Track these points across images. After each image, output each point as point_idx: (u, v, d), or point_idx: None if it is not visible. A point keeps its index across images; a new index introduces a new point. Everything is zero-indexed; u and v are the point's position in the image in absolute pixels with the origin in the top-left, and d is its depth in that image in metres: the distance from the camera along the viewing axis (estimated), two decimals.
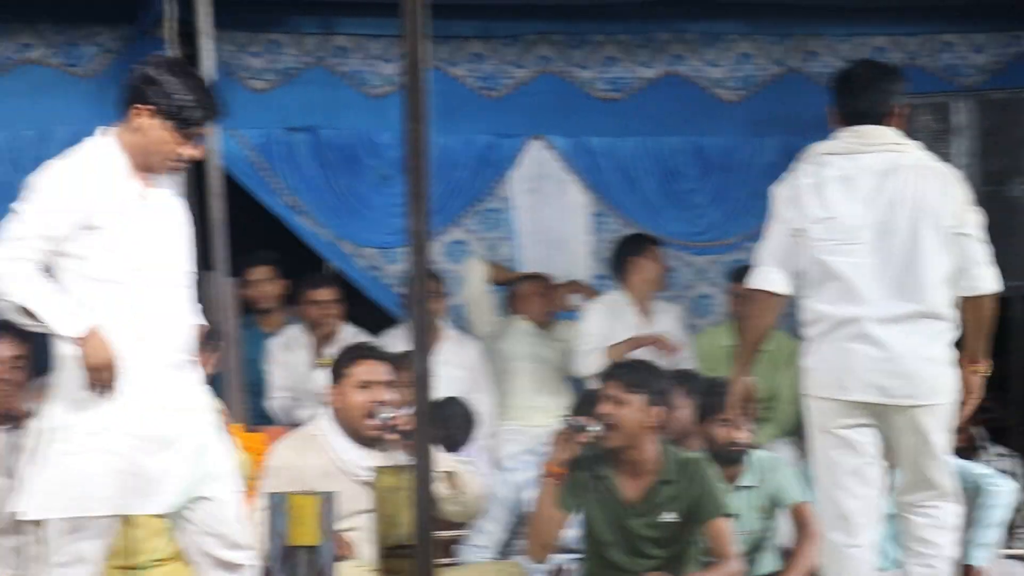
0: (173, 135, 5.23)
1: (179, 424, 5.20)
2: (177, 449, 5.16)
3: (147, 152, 5.27)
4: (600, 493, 6.20)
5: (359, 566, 5.94)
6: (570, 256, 9.75)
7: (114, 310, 5.14)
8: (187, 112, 5.21)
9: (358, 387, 6.24)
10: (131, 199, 5.27)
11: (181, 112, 5.21)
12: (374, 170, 9.60)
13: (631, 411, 6.20)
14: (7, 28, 9.27)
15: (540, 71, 9.88)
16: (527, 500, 6.65)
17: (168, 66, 5.33)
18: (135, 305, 5.17)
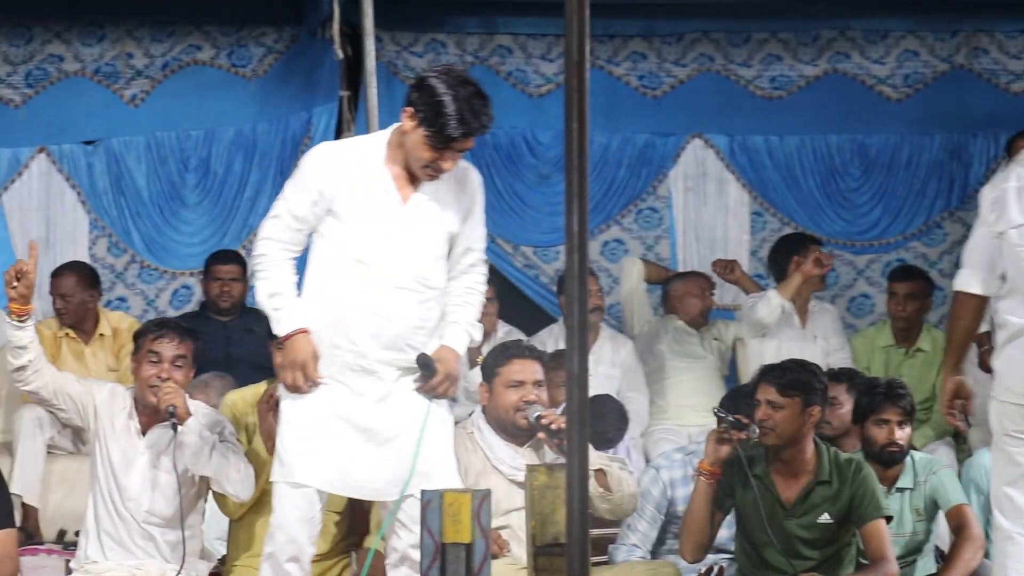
0: (428, 143, 5.24)
1: (393, 421, 5.35)
2: (391, 445, 5.33)
3: (406, 154, 5.32)
4: (755, 493, 6.15)
5: (512, 564, 5.96)
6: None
7: (336, 299, 5.30)
8: (445, 124, 5.19)
9: (509, 385, 6.26)
10: (376, 195, 5.33)
11: (439, 122, 5.20)
12: (533, 169, 9.64)
13: (787, 414, 6.14)
14: (176, 30, 9.45)
15: (701, 69, 9.84)
16: (678, 499, 6.62)
17: (446, 75, 5.28)
18: (351, 299, 5.29)
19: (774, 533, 6.16)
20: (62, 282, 8.43)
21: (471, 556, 5.07)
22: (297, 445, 5.34)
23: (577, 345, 4.14)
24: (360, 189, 5.31)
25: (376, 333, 5.31)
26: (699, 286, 9.24)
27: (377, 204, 5.31)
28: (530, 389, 6.22)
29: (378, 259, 5.30)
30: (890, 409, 6.58)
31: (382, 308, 5.30)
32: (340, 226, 5.33)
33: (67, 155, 9.39)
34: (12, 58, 9.31)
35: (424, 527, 5.04)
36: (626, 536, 6.62)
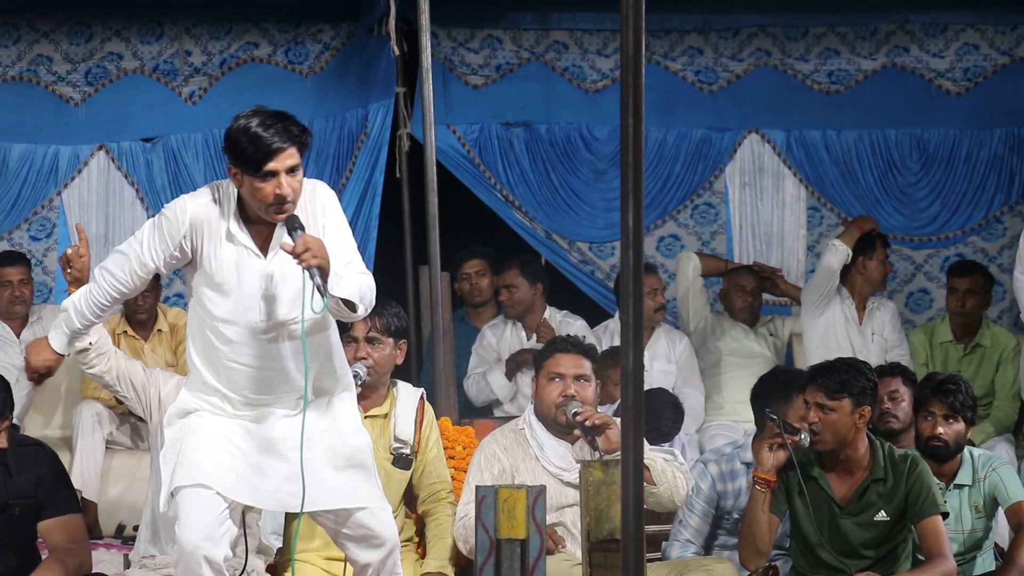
0: (252, 180, 5.08)
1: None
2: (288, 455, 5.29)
3: (252, 208, 5.20)
4: (810, 494, 6.11)
5: (567, 560, 5.95)
6: (785, 251, 9.65)
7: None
8: (244, 150, 5.04)
9: (550, 379, 6.26)
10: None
11: (243, 154, 5.06)
12: (589, 165, 9.63)
13: (839, 416, 6.09)
14: (234, 27, 9.50)
15: (758, 64, 9.81)
16: (727, 493, 6.60)
17: (235, 119, 5.17)
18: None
19: (829, 533, 6.12)
20: None
21: (526, 552, 5.07)
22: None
23: (632, 341, 4.13)
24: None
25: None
26: (754, 281, 9.21)
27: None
28: (570, 382, 6.20)
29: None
30: (936, 403, 6.53)
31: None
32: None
33: (126, 152, 9.45)
34: (72, 56, 9.38)
35: (479, 523, 5.05)
36: (678, 532, 6.60)
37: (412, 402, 6.32)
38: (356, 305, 5.05)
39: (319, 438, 5.27)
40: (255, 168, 5.05)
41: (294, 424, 5.25)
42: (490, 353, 8.91)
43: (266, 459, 5.24)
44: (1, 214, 9.33)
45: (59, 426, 8.62)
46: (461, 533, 6.11)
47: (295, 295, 5.16)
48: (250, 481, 5.21)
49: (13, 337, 8.69)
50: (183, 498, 5.14)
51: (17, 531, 5.88)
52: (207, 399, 5.28)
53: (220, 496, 5.13)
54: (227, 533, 5.14)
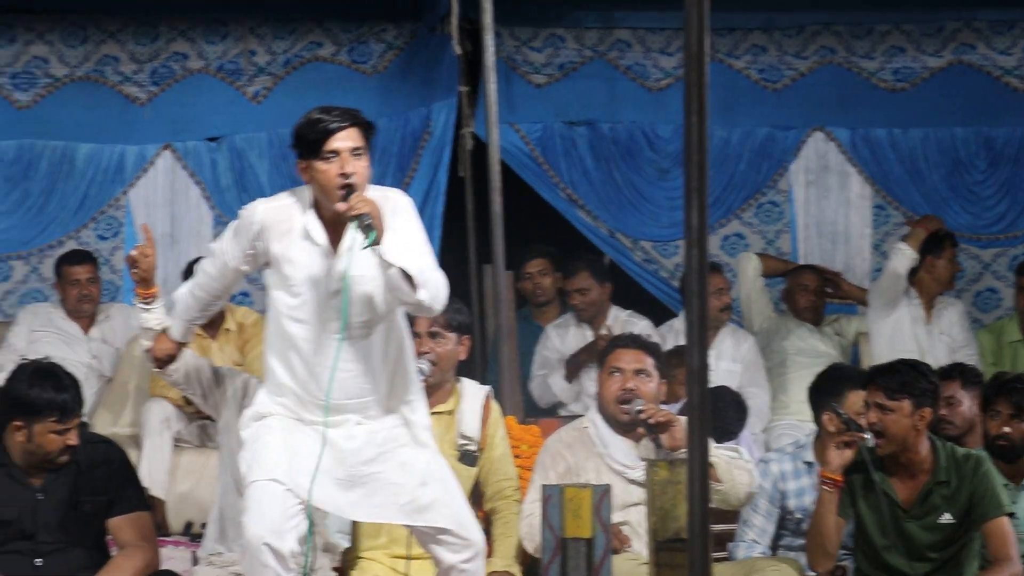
0: (318, 163, 5.22)
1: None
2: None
3: (322, 199, 5.28)
4: (874, 497, 6.08)
5: (633, 559, 5.94)
6: (850, 249, 9.61)
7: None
8: (306, 135, 5.23)
9: (609, 373, 6.27)
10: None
11: (304, 139, 5.24)
12: (653, 163, 9.62)
13: (898, 417, 6.04)
14: (298, 27, 9.55)
15: (823, 62, 9.77)
16: (789, 492, 6.57)
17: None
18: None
19: (894, 536, 6.08)
20: None
21: (592, 551, 5.07)
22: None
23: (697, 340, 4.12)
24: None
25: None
26: (818, 280, 9.18)
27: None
28: (629, 376, 6.20)
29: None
30: (1003, 402, 6.48)
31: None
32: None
33: (191, 151, 9.52)
34: (138, 56, 9.45)
35: (544, 522, 5.05)
36: (743, 532, 6.58)
37: (478, 399, 6.33)
38: (416, 284, 5.04)
39: (396, 452, 5.32)
40: (318, 149, 5.17)
41: (369, 433, 5.29)
42: (553, 354, 8.91)
43: (339, 468, 5.27)
44: (69, 213, 9.41)
45: (128, 424, 8.68)
46: (527, 531, 6.12)
47: (368, 296, 5.20)
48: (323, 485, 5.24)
49: (81, 335, 8.77)
50: (253, 491, 5.19)
51: (87, 528, 5.93)
52: (281, 401, 5.32)
53: (291, 493, 5.16)
54: (295, 529, 5.17)
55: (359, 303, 5.21)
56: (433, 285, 5.12)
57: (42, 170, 9.37)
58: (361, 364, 5.25)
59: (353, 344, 5.23)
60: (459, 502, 5.40)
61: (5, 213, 9.35)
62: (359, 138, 5.19)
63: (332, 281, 5.21)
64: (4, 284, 9.41)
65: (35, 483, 5.87)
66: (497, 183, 7.76)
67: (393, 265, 5.03)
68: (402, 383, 5.37)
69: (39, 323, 8.74)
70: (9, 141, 9.35)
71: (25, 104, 9.38)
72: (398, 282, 5.05)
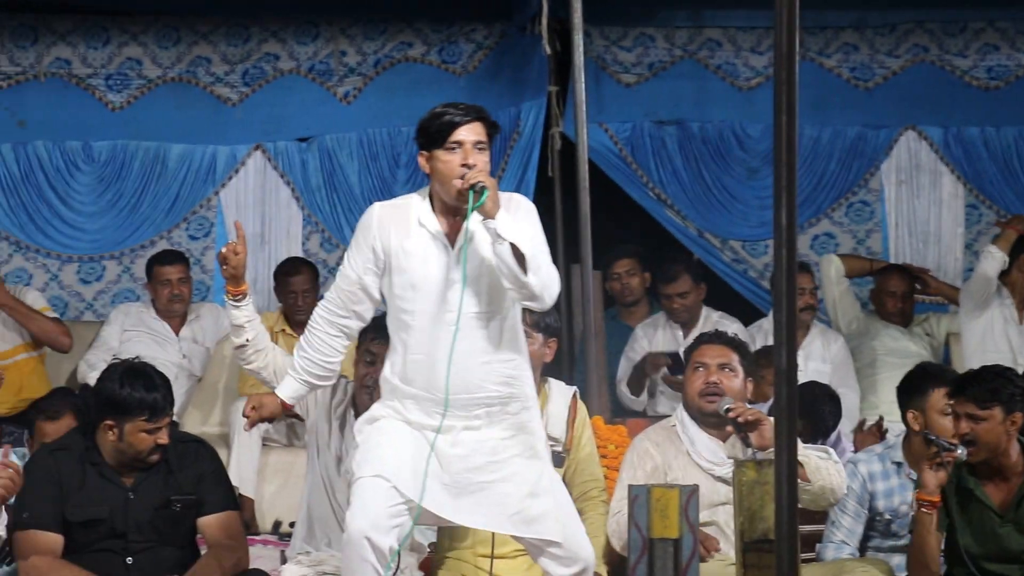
0: (440, 153, 5.28)
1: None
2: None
3: (442, 190, 5.33)
4: (967, 504, 6.02)
5: (720, 560, 5.92)
6: (942, 249, 9.51)
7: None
8: (430, 126, 5.30)
9: (694, 368, 6.26)
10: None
11: (428, 130, 5.30)
12: (742, 163, 9.57)
13: (991, 425, 5.98)
14: (388, 27, 9.59)
15: (915, 60, 9.68)
16: (877, 492, 6.52)
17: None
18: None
19: (989, 544, 6.01)
20: (300, 279, 8.58)
21: (679, 551, 5.05)
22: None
23: (785, 340, 4.11)
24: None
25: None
26: (907, 280, 9.08)
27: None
28: (713, 371, 6.19)
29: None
30: None
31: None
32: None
33: (282, 152, 9.58)
34: (230, 57, 9.52)
35: (631, 522, 5.04)
36: (832, 533, 6.54)
37: (564, 400, 6.33)
38: (527, 267, 5.06)
39: (507, 462, 5.34)
40: (442, 140, 5.24)
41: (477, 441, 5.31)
42: (639, 356, 8.88)
43: (445, 473, 5.30)
44: (160, 213, 9.50)
45: (217, 423, 8.76)
46: (614, 529, 6.12)
47: (482, 287, 5.24)
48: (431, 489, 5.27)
49: (172, 335, 8.83)
50: (358, 487, 5.23)
51: (177, 526, 5.97)
52: (392, 405, 5.37)
53: (397, 490, 5.19)
54: (398, 527, 5.20)
55: (473, 294, 5.25)
56: (545, 275, 5.15)
57: (135, 171, 9.46)
58: (473, 358, 5.27)
59: (466, 337, 5.25)
60: (570, 516, 5.41)
61: (98, 214, 9.46)
62: (482, 133, 5.28)
63: (447, 271, 5.26)
64: (97, 284, 9.51)
65: (126, 482, 5.92)
66: (585, 183, 7.75)
67: (505, 240, 5.06)
68: (518, 386, 5.37)
69: (131, 323, 8.82)
70: (102, 142, 9.45)
71: (118, 105, 9.48)
72: (508, 260, 5.07)
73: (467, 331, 5.25)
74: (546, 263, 5.17)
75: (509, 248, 5.06)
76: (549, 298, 5.20)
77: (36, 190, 9.39)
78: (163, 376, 6.00)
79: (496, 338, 5.29)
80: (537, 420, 5.45)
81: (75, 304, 9.47)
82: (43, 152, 9.40)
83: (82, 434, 6.00)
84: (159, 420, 5.87)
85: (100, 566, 5.83)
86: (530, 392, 5.42)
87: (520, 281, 5.08)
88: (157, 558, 5.91)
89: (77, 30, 9.42)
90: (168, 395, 5.92)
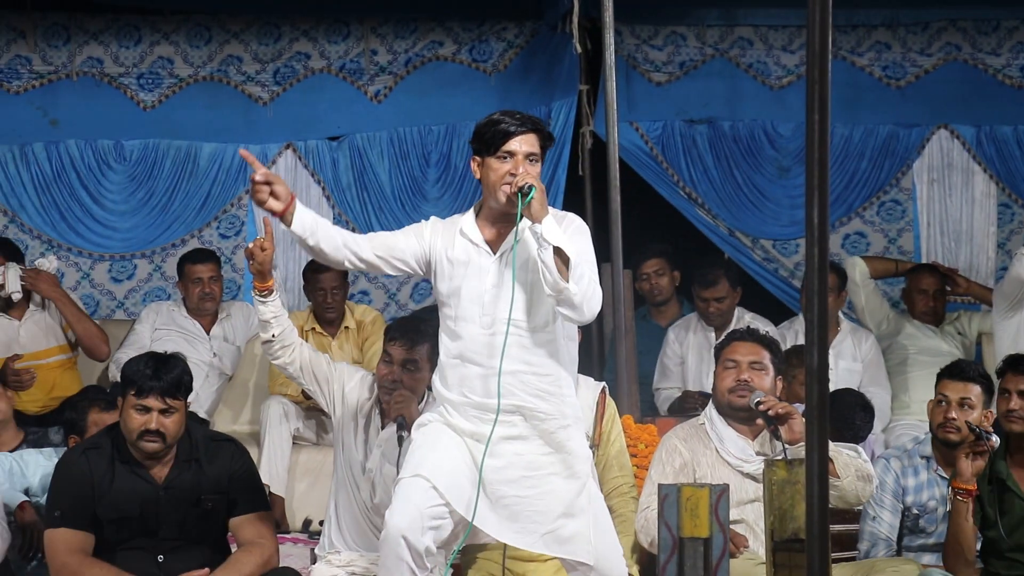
0: (491, 159, 5.34)
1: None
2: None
3: (489, 196, 5.39)
4: (1002, 493, 6.00)
5: (750, 559, 5.91)
6: (974, 248, 9.47)
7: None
8: (486, 132, 5.34)
9: (725, 366, 6.25)
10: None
11: (484, 136, 5.34)
12: (774, 161, 9.55)
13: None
14: (419, 26, 9.59)
15: (947, 59, 9.65)
16: (909, 488, 6.51)
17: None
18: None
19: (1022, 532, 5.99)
20: (329, 276, 8.59)
21: (709, 550, 5.04)
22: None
23: (816, 339, 4.09)
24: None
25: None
26: (937, 279, 9.04)
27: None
28: (744, 368, 6.19)
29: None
30: None
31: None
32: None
33: (312, 151, 9.59)
34: (261, 56, 9.54)
35: (661, 521, 5.03)
36: (876, 529, 6.52)
37: (592, 395, 6.34)
38: (570, 274, 5.08)
39: (545, 479, 5.34)
40: (495, 148, 5.29)
41: (515, 454, 5.32)
42: (673, 361, 8.85)
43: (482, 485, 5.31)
44: (192, 212, 9.52)
45: (247, 421, 8.77)
46: (642, 525, 6.12)
47: (524, 296, 5.27)
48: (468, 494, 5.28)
49: (203, 333, 8.85)
50: (399, 487, 5.27)
51: (208, 525, 5.98)
52: (439, 409, 5.41)
53: (436, 491, 5.21)
54: (436, 529, 5.21)
55: (515, 303, 5.27)
56: (587, 286, 5.16)
57: (166, 169, 9.49)
58: (510, 364, 5.27)
59: (508, 346, 5.26)
60: (606, 539, 5.42)
61: (129, 212, 9.49)
62: (536, 144, 5.34)
63: (487, 279, 5.29)
64: (128, 283, 9.54)
65: (157, 479, 5.92)
66: (616, 182, 7.73)
67: (548, 244, 5.08)
68: (555, 403, 5.36)
69: (162, 321, 8.83)
70: (134, 141, 9.48)
71: (150, 104, 9.51)
72: (550, 263, 5.09)
73: (498, 337, 5.28)
74: (590, 276, 5.20)
75: (551, 252, 5.08)
76: (589, 311, 5.20)
77: (68, 189, 9.42)
78: (179, 363, 5.97)
79: (531, 349, 5.30)
80: (579, 440, 5.44)
81: (106, 303, 9.50)
82: (75, 151, 9.43)
83: (112, 433, 6.01)
84: (145, 398, 5.80)
85: (132, 564, 5.84)
86: (570, 412, 5.40)
87: (560, 287, 5.10)
88: (188, 557, 5.92)
89: (109, 29, 9.45)
90: (166, 377, 5.80)
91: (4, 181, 9.37)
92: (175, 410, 5.87)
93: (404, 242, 5.43)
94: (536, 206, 5.14)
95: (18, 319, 8.40)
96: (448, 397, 5.36)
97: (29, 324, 8.41)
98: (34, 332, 8.41)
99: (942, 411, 6.41)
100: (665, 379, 8.87)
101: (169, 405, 5.85)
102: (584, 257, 5.22)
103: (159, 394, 5.82)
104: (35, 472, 6.63)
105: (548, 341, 5.32)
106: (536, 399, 5.32)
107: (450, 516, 5.25)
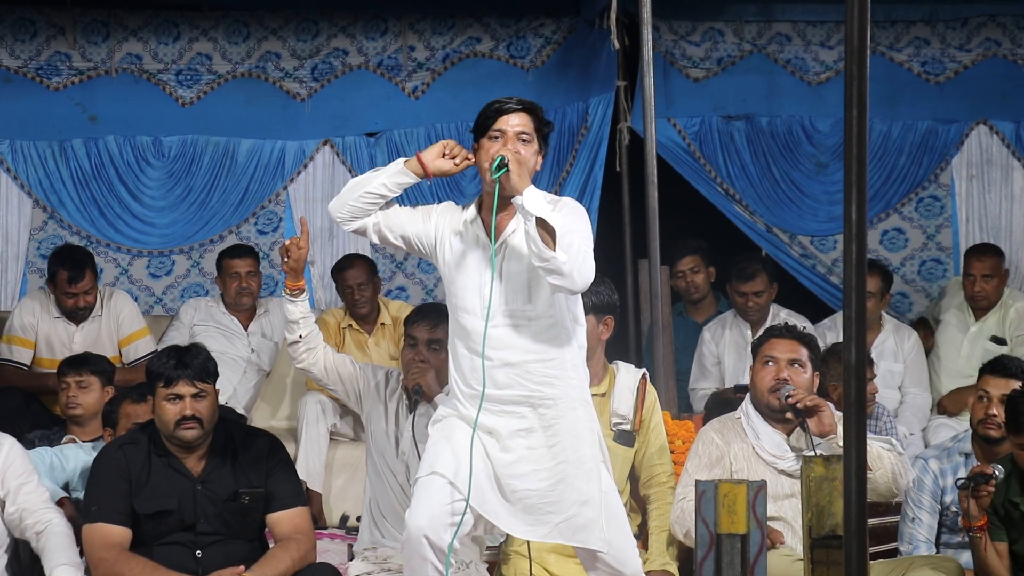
0: (484, 141, 5.35)
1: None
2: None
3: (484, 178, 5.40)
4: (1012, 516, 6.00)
5: (787, 555, 5.89)
6: (1013, 244, 9.43)
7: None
8: (479, 117, 5.36)
9: (763, 363, 6.23)
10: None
11: (476, 122, 5.37)
12: (811, 158, 9.52)
13: None
14: (456, 22, 9.60)
15: (987, 54, 9.61)
16: (947, 487, 6.49)
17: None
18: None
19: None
20: (354, 273, 8.60)
21: (746, 547, 5.03)
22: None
23: (855, 336, 4.08)
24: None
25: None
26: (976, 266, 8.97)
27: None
28: (783, 366, 6.17)
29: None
30: None
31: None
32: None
33: (350, 147, 9.61)
34: (299, 53, 9.57)
35: (699, 517, 5.02)
36: (916, 529, 6.51)
37: (633, 380, 6.34)
38: (557, 243, 5.03)
39: (557, 469, 5.33)
40: (486, 128, 5.29)
41: (528, 448, 5.31)
42: (709, 360, 8.84)
43: (493, 479, 5.31)
44: (229, 208, 9.56)
45: (285, 417, 8.80)
46: (678, 516, 6.11)
47: (521, 283, 5.25)
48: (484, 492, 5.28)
49: (241, 329, 8.88)
50: (417, 486, 5.27)
51: (245, 519, 5.99)
52: (452, 402, 5.40)
53: (454, 487, 5.20)
54: (457, 526, 5.19)
55: (513, 290, 5.26)
56: (576, 255, 5.09)
57: (204, 166, 9.53)
58: (503, 355, 5.27)
59: (508, 334, 5.26)
60: (619, 531, 5.40)
61: (168, 208, 9.53)
62: (528, 124, 5.31)
63: (489, 272, 5.27)
64: (167, 279, 9.58)
65: (194, 473, 5.95)
66: (654, 178, 7.73)
67: (531, 214, 5.06)
68: (560, 386, 5.34)
69: (200, 317, 8.87)
70: (172, 137, 9.52)
71: (188, 101, 9.55)
72: (534, 234, 5.06)
73: (500, 328, 5.27)
74: (580, 248, 5.12)
75: (534, 223, 5.06)
76: (580, 279, 5.12)
77: (107, 185, 9.46)
78: (200, 350, 6.00)
79: (534, 337, 5.29)
80: (590, 422, 5.41)
81: (145, 298, 9.53)
82: (114, 147, 9.47)
83: (148, 429, 6.04)
84: (174, 385, 5.84)
85: (170, 559, 5.86)
86: (577, 395, 5.38)
87: (545, 255, 5.06)
88: (226, 551, 5.94)
89: (148, 26, 9.49)
90: (191, 363, 5.85)
91: (44, 177, 9.42)
92: (206, 394, 5.92)
93: (408, 217, 5.45)
94: (514, 178, 5.11)
95: (75, 325, 8.46)
96: (461, 388, 5.35)
97: (86, 330, 8.46)
98: (89, 338, 8.46)
99: (983, 407, 6.38)
100: (703, 379, 8.85)
101: (200, 388, 5.88)
102: (576, 232, 5.16)
103: (188, 379, 5.87)
104: (75, 467, 6.67)
105: (551, 326, 5.30)
106: (543, 386, 5.30)
107: (470, 511, 5.25)
